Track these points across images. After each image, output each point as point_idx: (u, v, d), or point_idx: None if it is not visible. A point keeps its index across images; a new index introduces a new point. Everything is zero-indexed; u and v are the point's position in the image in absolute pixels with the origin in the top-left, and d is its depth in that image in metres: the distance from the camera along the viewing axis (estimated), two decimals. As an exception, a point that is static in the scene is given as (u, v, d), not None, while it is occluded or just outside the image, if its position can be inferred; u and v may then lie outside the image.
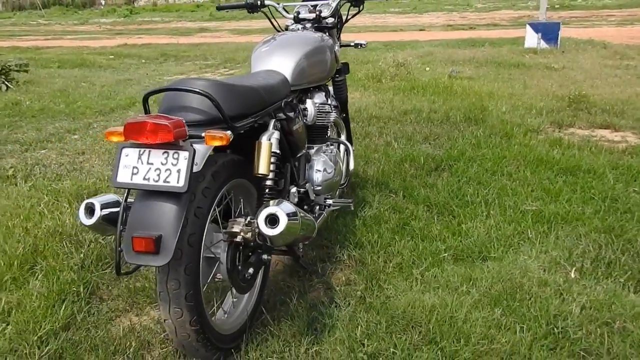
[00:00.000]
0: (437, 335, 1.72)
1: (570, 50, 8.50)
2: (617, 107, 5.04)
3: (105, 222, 1.63)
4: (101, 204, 1.63)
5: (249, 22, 22.37)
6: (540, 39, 8.49)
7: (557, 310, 1.83)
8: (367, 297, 2.05)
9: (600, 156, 3.69)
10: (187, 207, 1.49)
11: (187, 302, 1.55)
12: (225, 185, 1.70)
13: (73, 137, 4.71)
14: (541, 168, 3.50)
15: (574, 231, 2.57)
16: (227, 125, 1.59)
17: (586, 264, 2.18)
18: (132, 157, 1.49)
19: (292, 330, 1.90)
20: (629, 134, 4.38)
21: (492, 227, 2.67)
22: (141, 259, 1.45)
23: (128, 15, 29.45)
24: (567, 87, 6.03)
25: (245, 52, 11.24)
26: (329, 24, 2.62)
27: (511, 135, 4.24)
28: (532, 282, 2.01)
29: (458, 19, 19.08)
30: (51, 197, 3.14)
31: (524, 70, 7.22)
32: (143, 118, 1.45)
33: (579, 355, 1.65)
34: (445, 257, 2.35)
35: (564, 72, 6.99)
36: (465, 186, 3.24)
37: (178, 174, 1.44)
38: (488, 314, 1.83)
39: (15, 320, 1.99)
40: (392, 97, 5.79)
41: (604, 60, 7.71)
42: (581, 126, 4.63)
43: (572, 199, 2.98)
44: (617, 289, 1.98)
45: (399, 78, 6.92)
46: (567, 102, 5.32)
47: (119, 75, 8.36)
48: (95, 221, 1.61)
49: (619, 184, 3.18)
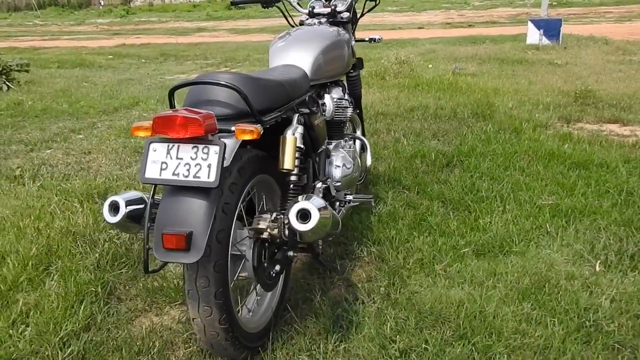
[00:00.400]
0: (467, 331, 1.70)
1: (572, 47, 8.48)
2: (624, 102, 5.03)
3: (130, 220, 1.60)
4: (126, 201, 1.60)
5: (246, 22, 22.34)
6: (542, 35, 8.48)
7: (587, 303, 1.81)
8: (391, 293, 2.02)
9: (611, 150, 3.68)
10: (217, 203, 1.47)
11: (216, 300, 1.52)
12: (251, 180, 1.67)
13: (78, 137, 4.67)
14: (553, 162, 3.48)
15: (593, 224, 2.55)
16: (255, 119, 1.56)
17: (610, 257, 2.16)
18: (161, 152, 1.45)
19: (317, 328, 1.88)
20: (638, 128, 4.36)
21: (509, 221, 2.64)
22: (171, 257, 1.42)
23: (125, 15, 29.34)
24: (572, 83, 6.02)
25: (244, 51, 11.20)
26: (344, 19, 2.59)
27: (520, 131, 4.22)
28: (559, 275, 1.99)
29: (456, 16, 19.06)
30: (61, 197, 3.10)
31: (527, 67, 7.20)
32: (172, 112, 1.41)
33: (613, 348, 1.63)
34: (467, 252, 2.32)
35: (568, 68, 6.97)
36: (479, 181, 3.22)
37: (209, 168, 1.41)
38: (517, 308, 1.81)
39: (34, 321, 1.95)
40: (397, 94, 5.76)
41: (607, 56, 7.70)
42: (589, 121, 4.61)
43: (587, 193, 2.96)
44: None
45: (403, 75, 6.90)
46: (573, 97, 5.31)
47: (120, 75, 8.31)
48: (120, 219, 1.58)
49: (633, 178, 3.17)
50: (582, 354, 1.57)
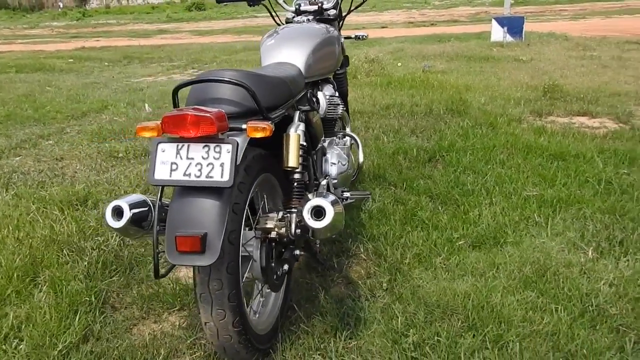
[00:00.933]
0: (477, 322, 1.71)
1: (535, 43, 8.72)
2: (590, 96, 5.20)
3: (133, 224, 1.55)
4: (129, 205, 1.55)
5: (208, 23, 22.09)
6: (506, 32, 8.69)
7: (587, 289, 1.86)
8: (394, 288, 2.02)
9: (585, 142, 3.79)
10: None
11: (230, 302, 1.49)
12: (257, 179, 1.64)
13: (47, 143, 4.51)
14: (531, 155, 3.56)
15: (578, 213, 2.62)
16: (263, 117, 1.53)
17: (602, 244, 2.22)
18: (170, 153, 1.41)
19: (324, 326, 1.86)
20: (606, 120, 4.52)
21: (498, 213, 2.69)
22: (186, 259, 1.38)
23: (81, 18, 28.60)
24: (539, 78, 6.19)
25: (210, 52, 11.08)
26: (331, 16, 2.58)
27: (496, 125, 4.30)
28: (557, 263, 2.03)
29: (418, 16, 19.36)
30: (39, 205, 2.99)
31: (494, 63, 7.36)
32: (182, 111, 1.37)
33: (618, 330, 1.67)
34: (462, 245, 2.35)
35: (533, 64, 7.16)
36: (463, 176, 3.26)
37: (221, 168, 1.38)
38: (522, 297, 1.84)
39: (28, 334, 1.87)
40: (371, 93, 5.80)
41: (568, 51, 7.94)
42: (559, 114, 4.75)
43: (568, 183, 3.04)
44: (636, 266, 2.02)
45: (374, 74, 6.95)
46: (541, 91, 5.46)
47: (84, 78, 8.08)
48: (124, 224, 1.53)
49: (609, 167, 3.27)
50: (590, 338, 1.61)
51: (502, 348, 1.61)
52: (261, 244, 1.68)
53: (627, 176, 3.10)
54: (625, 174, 3.16)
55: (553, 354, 1.55)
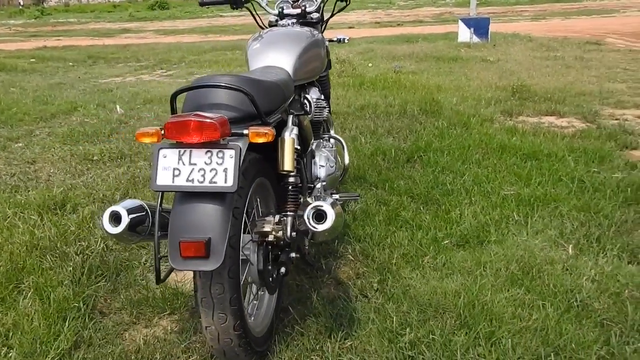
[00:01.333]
0: (469, 319, 1.77)
1: (501, 44, 8.94)
2: (557, 96, 5.37)
3: (132, 230, 1.54)
4: (127, 210, 1.54)
5: (173, 22, 21.78)
6: (473, 33, 8.88)
7: (571, 285, 1.94)
8: (385, 288, 2.06)
9: (556, 141, 3.92)
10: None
11: (231, 306, 1.50)
12: (253, 184, 1.66)
13: (17, 146, 4.39)
14: (505, 155, 3.66)
15: (555, 211, 2.71)
16: (262, 121, 1.55)
17: (581, 241, 2.32)
18: (172, 159, 1.41)
19: (318, 327, 1.88)
20: (573, 119, 4.68)
21: (478, 212, 2.76)
22: (190, 265, 1.38)
23: (39, 16, 27.75)
24: (507, 78, 6.35)
25: (178, 52, 10.94)
26: (314, 19, 2.60)
27: (469, 125, 4.40)
28: (540, 260, 2.11)
29: (384, 16, 19.55)
30: (16, 210, 2.92)
31: (462, 64, 7.51)
32: (184, 116, 1.37)
33: (603, 324, 1.75)
34: (447, 244, 2.41)
35: (500, 65, 7.34)
36: (441, 176, 3.33)
37: (225, 173, 1.39)
38: (510, 295, 1.90)
39: (17, 342, 1.84)
40: (344, 94, 5.84)
41: (533, 52, 8.17)
42: (529, 114, 4.89)
43: (543, 182, 3.14)
44: (614, 262, 2.12)
45: (346, 74, 7.00)
46: (510, 92, 5.61)
47: (49, 79, 7.88)
48: (122, 229, 1.52)
49: (580, 166, 3.39)
50: (577, 333, 1.68)
51: (495, 344, 1.66)
52: (258, 247, 1.69)
53: (597, 174, 3.23)
54: (596, 172, 3.29)
55: (544, 348, 1.62)
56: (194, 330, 1.93)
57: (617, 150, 3.72)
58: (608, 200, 2.78)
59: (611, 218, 2.58)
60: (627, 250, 2.24)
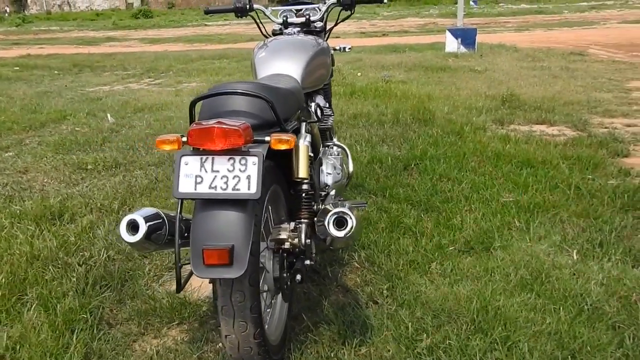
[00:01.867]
0: (483, 324, 1.78)
1: (487, 54, 9.07)
2: (546, 105, 5.45)
3: (149, 238, 1.53)
4: (144, 218, 1.52)
5: (158, 31, 21.69)
6: (460, 44, 9.00)
7: (580, 289, 1.96)
8: (395, 294, 2.07)
9: (549, 148, 3.98)
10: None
11: (251, 314, 1.49)
12: (269, 191, 1.65)
13: (8, 155, 4.32)
14: (501, 162, 3.70)
15: (555, 217, 2.75)
16: (281, 129, 1.55)
17: (585, 246, 2.35)
18: (194, 166, 1.40)
19: (331, 334, 1.88)
20: (564, 127, 4.75)
21: (479, 219, 2.79)
22: (213, 272, 1.37)
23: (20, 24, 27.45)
24: (495, 88, 6.44)
25: (165, 61, 10.90)
26: (318, 28, 2.62)
27: (462, 134, 4.45)
28: (548, 265, 2.14)
29: (369, 26, 19.69)
30: (13, 220, 2.87)
31: (451, 73, 7.60)
32: (208, 123, 1.37)
33: (615, 327, 1.78)
34: (452, 250, 2.42)
35: (488, 74, 7.44)
36: (440, 183, 3.36)
37: (248, 180, 1.38)
38: (521, 299, 1.92)
39: (27, 356, 1.80)
40: (336, 102, 5.86)
41: (519, 62, 8.30)
42: (520, 123, 4.96)
43: (540, 189, 3.19)
44: (619, 266, 2.16)
45: (336, 84, 7.03)
46: (500, 101, 5.68)
47: (35, 87, 7.79)
48: (140, 238, 1.51)
49: (575, 172, 3.44)
50: (591, 336, 1.70)
51: (511, 349, 1.68)
52: (274, 254, 1.69)
53: (592, 181, 3.28)
54: (591, 180, 3.34)
55: (560, 352, 1.64)
56: (205, 339, 1.92)
57: (609, 157, 3.78)
58: (606, 207, 2.83)
59: (611, 224, 2.62)
60: (629, 255, 2.28)
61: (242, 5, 2.54)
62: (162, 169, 3.77)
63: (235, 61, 10.37)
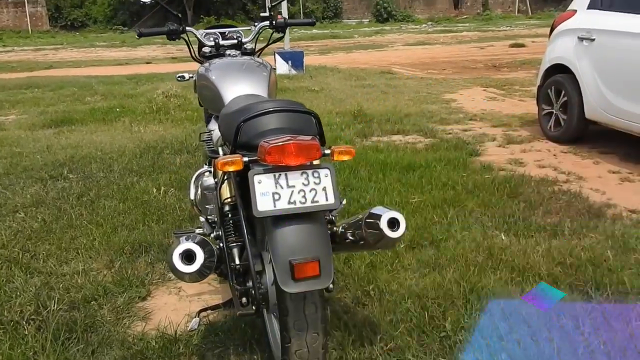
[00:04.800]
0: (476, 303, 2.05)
1: (315, 75, 9.70)
2: (392, 117, 6.09)
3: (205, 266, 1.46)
4: (199, 245, 1.46)
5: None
6: (290, 66, 9.48)
7: (533, 261, 2.37)
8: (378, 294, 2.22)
9: (420, 154, 4.50)
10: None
11: (322, 324, 1.52)
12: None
13: None
14: (388, 170, 4.09)
15: (464, 210, 3.16)
16: (323, 143, 1.61)
17: (505, 228, 2.80)
18: (268, 183, 1.40)
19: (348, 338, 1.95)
20: (417, 136, 5.38)
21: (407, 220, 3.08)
22: (304, 285, 1.38)
23: None
24: (339, 105, 6.96)
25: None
26: (248, 50, 2.67)
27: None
28: (497, 248, 2.51)
29: (175, 51, 19.35)
30: None
31: (292, 94, 7.96)
32: (282, 140, 1.39)
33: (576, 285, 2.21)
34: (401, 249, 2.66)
35: (326, 93, 7.99)
36: (349, 193, 3.59)
37: (325, 191, 1.43)
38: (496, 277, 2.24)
39: None
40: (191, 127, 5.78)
41: (347, 81, 9.06)
42: (379, 134, 5.46)
43: (433, 188, 3.62)
44: (547, 242, 2.62)
45: (181, 109, 6.91)
46: (351, 116, 6.19)
47: None
48: (199, 267, 1.44)
49: (453, 172, 3.96)
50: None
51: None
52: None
53: (470, 177, 3.83)
54: (464, 176, 3.89)
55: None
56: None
57: (468, 157, 4.43)
58: (497, 197, 3.36)
59: (510, 209, 3.13)
60: (542, 232, 2.78)
61: (176, 28, 2.48)
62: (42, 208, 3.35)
63: (49, 90, 9.38)
